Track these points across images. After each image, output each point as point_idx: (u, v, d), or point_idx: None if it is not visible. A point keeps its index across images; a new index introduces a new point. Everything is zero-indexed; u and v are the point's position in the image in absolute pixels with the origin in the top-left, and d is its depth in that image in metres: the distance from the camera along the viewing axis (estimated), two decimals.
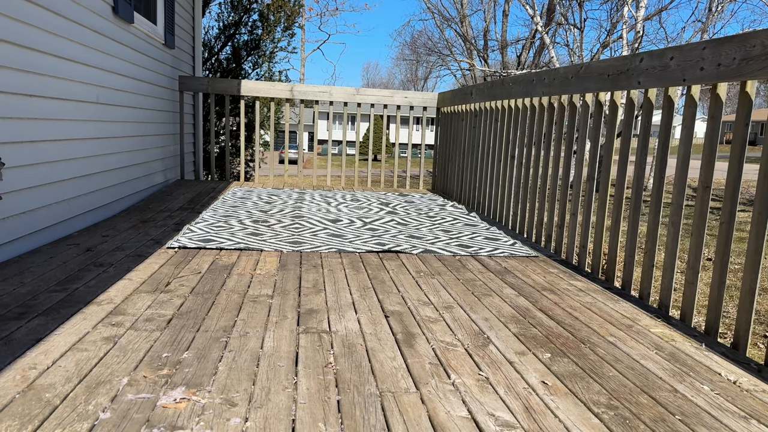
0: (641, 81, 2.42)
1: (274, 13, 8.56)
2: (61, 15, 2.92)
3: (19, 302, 1.90)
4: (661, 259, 2.54)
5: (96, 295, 2.02)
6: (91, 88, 3.34)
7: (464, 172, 4.88)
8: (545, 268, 2.76)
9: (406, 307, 2.07)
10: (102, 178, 3.54)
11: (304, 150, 5.94)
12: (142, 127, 4.37)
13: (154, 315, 1.85)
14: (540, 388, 1.47)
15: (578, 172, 3.13)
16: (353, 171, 6.64)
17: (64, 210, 3.01)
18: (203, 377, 1.42)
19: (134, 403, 1.28)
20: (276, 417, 1.25)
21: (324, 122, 36.27)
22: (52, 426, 1.17)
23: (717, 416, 1.37)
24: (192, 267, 2.45)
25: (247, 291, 2.16)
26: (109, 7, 3.57)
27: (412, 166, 8.90)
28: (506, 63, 19.00)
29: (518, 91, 3.72)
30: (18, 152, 2.52)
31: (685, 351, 1.79)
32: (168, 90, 5.07)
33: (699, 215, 2.10)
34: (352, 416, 1.28)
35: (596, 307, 2.19)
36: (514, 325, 1.94)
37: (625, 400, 1.42)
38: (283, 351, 1.61)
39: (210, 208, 3.89)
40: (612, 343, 1.82)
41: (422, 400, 1.37)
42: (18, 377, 1.38)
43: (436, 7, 22.03)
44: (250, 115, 8.06)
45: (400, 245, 3.03)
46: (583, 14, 13.98)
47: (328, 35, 71.83)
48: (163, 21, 4.85)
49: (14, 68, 2.48)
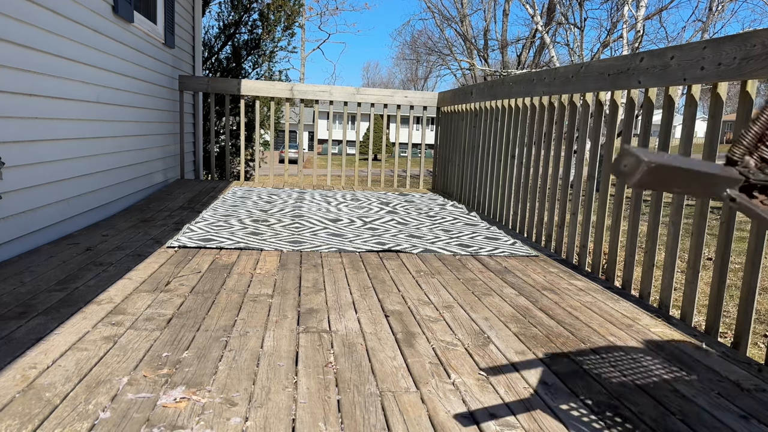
0: (641, 80, 2.42)
1: (274, 13, 8.56)
2: (61, 14, 2.92)
3: (19, 302, 1.90)
4: (661, 258, 2.54)
5: (96, 294, 2.02)
6: (91, 88, 3.34)
7: (464, 171, 4.87)
8: (545, 268, 2.76)
9: (406, 307, 2.06)
10: (102, 177, 3.54)
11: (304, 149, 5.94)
12: (142, 126, 4.37)
13: (154, 314, 1.85)
14: (540, 387, 1.47)
15: (578, 171, 3.12)
16: (353, 170, 6.64)
17: (63, 209, 3.01)
18: (203, 377, 1.42)
19: (134, 402, 1.28)
20: (276, 416, 1.25)
21: (324, 122, 36.27)
22: (52, 425, 1.17)
23: (717, 416, 1.37)
24: (192, 266, 2.45)
25: (247, 290, 2.16)
26: (109, 6, 3.57)
27: (412, 166, 8.89)
28: (506, 62, 19.00)
29: (518, 90, 3.72)
30: (18, 152, 2.52)
31: (686, 350, 1.79)
32: (168, 89, 5.06)
33: (699, 215, 2.10)
34: (352, 416, 1.28)
35: (596, 307, 2.19)
36: (515, 324, 1.93)
37: (626, 400, 1.42)
38: (283, 350, 1.61)
39: (210, 208, 3.89)
40: (612, 342, 1.82)
41: (422, 399, 1.37)
42: (18, 377, 1.38)
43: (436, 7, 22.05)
44: (250, 114, 8.06)
45: (401, 245, 3.03)
46: (583, 13, 13.98)
47: (328, 35, 71.82)
48: (163, 20, 4.84)
49: (14, 67, 2.48)
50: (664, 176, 0.79)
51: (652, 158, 0.74)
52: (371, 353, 1.63)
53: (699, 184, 0.87)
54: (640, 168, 0.73)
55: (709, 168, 0.86)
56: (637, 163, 0.73)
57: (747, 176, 0.88)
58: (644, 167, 0.72)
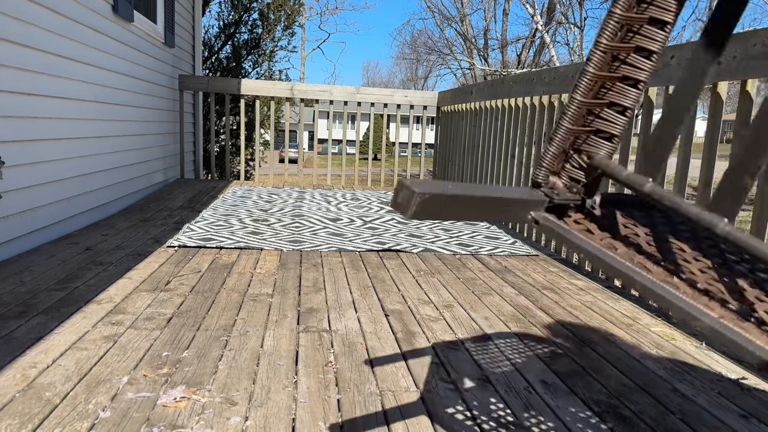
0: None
1: (274, 12, 8.56)
2: (61, 14, 2.92)
3: (19, 301, 1.90)
4: None
5: (96, 293, 2.02)
6: (91, 87, 3.34)
7: (464, 171, 4.87)
8: (545, 267, 2.76)
9: (407, 306, 2.06)
10: (102, 176, 3.54)
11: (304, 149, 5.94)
12: (142, 126, 4.37)
13: (154, 314, 1.85)
14: (540, 386, 1.47)
15: None
16: (353, 170, 6.64)
17: (63, 209, 3.01)
18: (203, 376, 1.42)
19: (134, 402, 1.28)
20: (276, 416, 1.25)
21: (324, 121, 36.26)
22: (52, 425, 1.17)
23: (718, 415, 1.37)
24: (192, 266, 2.45)
25: (247, 290, 2.16)
26: (108, 5, 3.57)
27: (412, 166, 8.89)
28: (506, 62, 19.00)
29: (518, 90, 3.72)
30: (18, 151, 2.52)
31: (686, 350, 1.79)
32: (168, 89, 5.06)
33: None
34: (352, 415, 1.28)
35: (596, 306, 2.19)
36: (515, 323, 1.93)
37: (626, 399, 1.42)
38: (283, 350, 1.61)
39: (210, 207, 3.89)
40: (612, 342, 1.82)
41: (422, 399, 1.37)
42: (18, 376, 1.38)
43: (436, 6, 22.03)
44: (250, 114, 8.06)
45: (401, 244, 3.03)
46: (583, 13, 13.98)
47: (328, 34, 71.85)
48: (163, 20, 4.84)
49: (14, 67, 2.48)
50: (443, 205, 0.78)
51: (425, 189, 0.73)
52: (371, 352, 1.63)
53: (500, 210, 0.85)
54: (413, 200, 0.72)
55: (515, 193, 0.85)
56: (410, 195, 0.72)
57: (551, 197, 0.86)
58: (417, 198, 0.72)
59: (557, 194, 0.86)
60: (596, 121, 0.83)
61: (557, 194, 0.86)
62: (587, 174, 0.86)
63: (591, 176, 0.86)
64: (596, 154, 0.85)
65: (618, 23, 0.77)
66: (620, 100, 0.80)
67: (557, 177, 0.86)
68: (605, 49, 0.77)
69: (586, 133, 0.84)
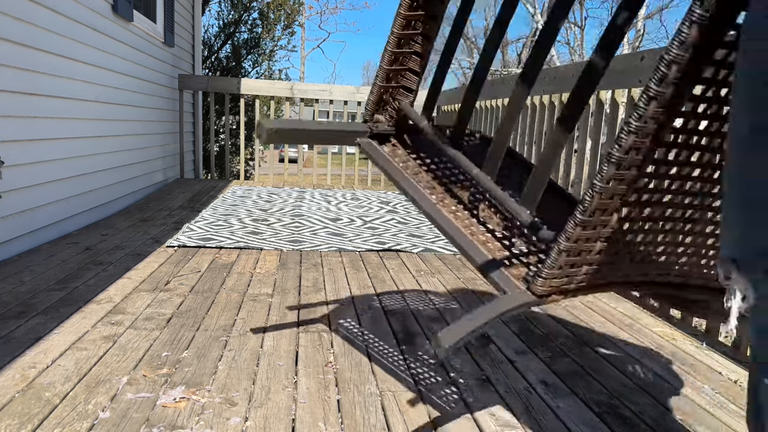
0: (642, 79, 2.42)
1: (274, 12, 8.56)
2: (61, 13, 2.91)
3: (18, 301, 1.90)
4: None
5: (95, 293, 2.02)
6: (91, 87, 3.33)
7: None
8: None
9: (407, 306, 2.06)
10: (101, 176, 3.54)
11: (304, 149, 5.92)
12: (142, 125, 4.36)
13: (154, 314, 1.85)
14: (540, 387, 1.46)
15: (579, 171, 3.12)
16: (353, 170, 6.64)
17: (63, 208, 3.00)
18: (203, 376, 1.42)
19: (134, 402, 1.28)
20: (276, 416, 1.25)
21: (324, 121, 36.25)
22: (51, 425, 1.17)
23: (718, 415, 1.37)
24: (192, 266, 2.45)
25: (247, 290, 2.15)
26: (108, 5, 3.57)
27: None
28: (507, 61, 18.99)
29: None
30: (17, 151, 2.51)
31: (686, 350, 1.79)
32: (168, 88, 5.06)
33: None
34: (352, 415, 1.27)
35: (597, 306, 2.19)
36: (515, 323, 1.93)
37: (626, 399, 1.42)
38: (282, 350, 1.61)
39: (210, 207, 3.89)
40: (612, 342, 1.82)
41: (422, 399, 1.37)
42: (17, 376, 1.37)
43: None
44: (250, 113, 8.06)
45: (401, 244, 3.03)
46: (584, 12, 13.98)
47: (328, 33, 71.80)
48: (163, 19, 4.84)
49: (13, 66, 2.47)
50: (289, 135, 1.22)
51: (273, 125, 1.16)
52: (371, 353, 1.62)
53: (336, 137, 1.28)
54: (264, 132, 1.13)
55: (346, 126, 1.27)
56: (262, 129, 1.13)
57: (372, 129, 1.24)
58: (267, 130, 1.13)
59: (377, 127, 1.25)
60: (402, 80, 1.24)
61: (377, 127, 1.25)
62: (398, 114, 1.27)
63: (399, 116, 1.27)
64: (402, 101, 1.26)
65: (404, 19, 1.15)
66: (414, 67, 1.23)
67: (381, 115, 1.26)
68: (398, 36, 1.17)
69: (394, 88, 1.24)
